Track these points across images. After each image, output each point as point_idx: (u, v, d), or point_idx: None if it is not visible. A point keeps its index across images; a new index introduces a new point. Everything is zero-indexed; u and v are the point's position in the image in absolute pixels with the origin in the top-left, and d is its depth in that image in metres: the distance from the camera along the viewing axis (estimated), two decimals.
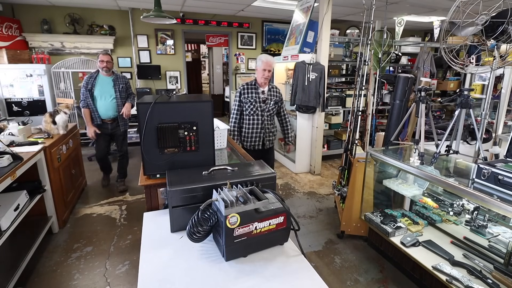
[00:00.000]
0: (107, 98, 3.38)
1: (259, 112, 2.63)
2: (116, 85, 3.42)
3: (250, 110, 2.63)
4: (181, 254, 1.12)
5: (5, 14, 5.02)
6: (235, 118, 2.74)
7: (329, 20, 3.93)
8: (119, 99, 3.45)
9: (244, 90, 2.64)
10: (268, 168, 1.37)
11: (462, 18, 1.86)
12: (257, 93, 2.62)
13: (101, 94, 3.35)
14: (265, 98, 2.63)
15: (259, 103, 2.62)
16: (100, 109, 3.38)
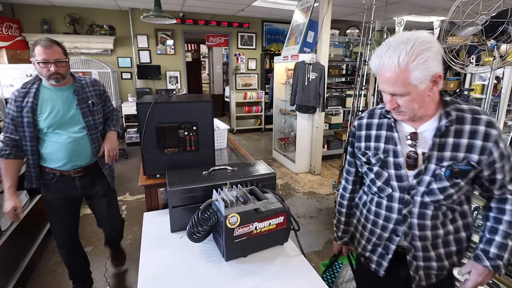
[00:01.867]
0: (67, 130, 1.62)
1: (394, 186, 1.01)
2: (82, 101, 1.66)
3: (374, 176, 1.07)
4: (181, 254, 1.12)
5: (5, 14, 5.02)
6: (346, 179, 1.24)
7: (329, 20, 3.93)
8: (93, 128, 1.70)
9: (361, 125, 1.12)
10: (268, 168, 1.37)
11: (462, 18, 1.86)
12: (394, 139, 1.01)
13: (54, 123, 1.59)
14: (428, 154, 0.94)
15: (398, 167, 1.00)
16: (55, 154, 1.62)
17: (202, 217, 1.08)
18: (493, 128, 0.89)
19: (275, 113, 5.18)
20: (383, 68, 0.86)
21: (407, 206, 0.99)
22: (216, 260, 1.09)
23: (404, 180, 0.99)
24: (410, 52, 0.81)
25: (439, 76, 0.85)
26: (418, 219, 0.98)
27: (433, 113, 0.94)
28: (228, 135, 2.24)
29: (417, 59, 0.81)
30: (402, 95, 0.87)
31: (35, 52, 1.46)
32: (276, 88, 5.06)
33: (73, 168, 1.68)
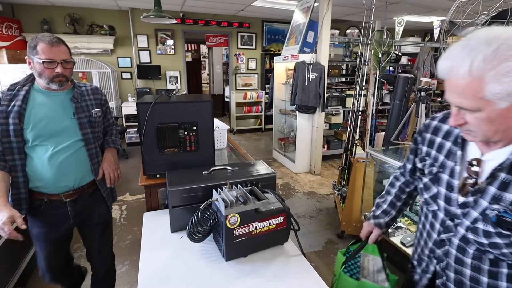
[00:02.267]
0: (58, 143, 1.36)
1: (440, 205, 0.87)
2: (80, 110, 1.43)
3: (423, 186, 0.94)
4: (181, 254, 1.12)
5: (5, 14, 5.01)
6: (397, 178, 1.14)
7: (329, 20, 3.93)
8: (91, 142, 1.45)
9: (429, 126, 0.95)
10: (268, 168, 1.37)
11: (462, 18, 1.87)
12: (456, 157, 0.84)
13: (43, 134, 1.34)
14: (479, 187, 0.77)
15: (450, 189, 0.84)
16: (40, 172, 1.35)
17: (202, 217, 1.08)
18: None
19: (275, 113, 5.18)
20: (450, 73, 0.67)
21: (447, 232, 0.84)
22: (216, 260, 1.09)
23: (453, 204, 0.82)
24: (490, 56, 0.60)
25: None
26: (457, 252, 0.82)
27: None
28: (228, 135, 2.24)
29: (499, 67, 0.60)
30: (472, 111, 0.67)
31: (38, 49, 1.25)
32: (276, 88, 5.06)
33: (63, 190, 1.38)
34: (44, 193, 1.37)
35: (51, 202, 1.39)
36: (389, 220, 1.11)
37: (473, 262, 0.79)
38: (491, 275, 0.77)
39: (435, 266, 0.91)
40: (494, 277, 0.77)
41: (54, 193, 1.38)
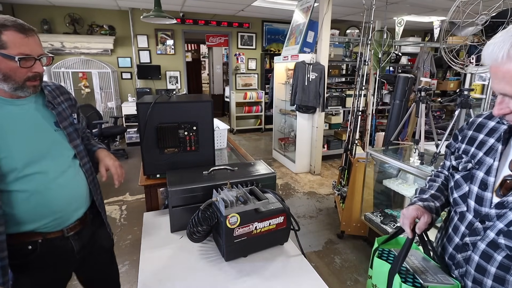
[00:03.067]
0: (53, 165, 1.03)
1: (470, 206, 0.81)
2: (61, 117, 1.10)
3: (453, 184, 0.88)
4: (181, 254, 1.12)
5: (5, 14, 5.02)
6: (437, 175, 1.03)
7: (329, 20, 3.93)
8: (84, 155, 1.17)
9: (473, 123, 0.89)
10: (268, 168, 1.38)
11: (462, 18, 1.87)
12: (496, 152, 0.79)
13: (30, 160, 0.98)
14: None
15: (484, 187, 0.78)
16: (35, 209, 0.99)
17: (202, 217, 1.08)
18: None
19: (275, 113, 5.18)
20: (492, 58, 0.64)
21: (473, 236, 0.77)
22: (216, 260, 1.09)
23: (485, 205, 0.76)
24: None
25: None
26: (481, 258, 0.75)
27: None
28: (228, 135, 2.24)
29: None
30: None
31: (6, 40, 0.88)
32: (276, 88, 5.06)
33: (67, 224, 1.07)
34: (38, 233, 1.01)
35: (48, 241, 1.04)
36: (440, 207, 0.91)
37: (497, 272, 0.72)
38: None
39: (454, 272, 0.84)
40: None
41: (54, 231, 1.04)
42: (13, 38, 0.90)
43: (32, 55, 0.93)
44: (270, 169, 1.35)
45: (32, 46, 0.93)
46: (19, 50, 0.90)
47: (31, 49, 0.93)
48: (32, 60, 0.94)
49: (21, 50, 0.91)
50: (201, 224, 1.07)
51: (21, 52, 0.91)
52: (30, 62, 0.94)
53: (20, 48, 0.91)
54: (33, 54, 0.94)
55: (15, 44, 0.90)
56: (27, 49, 0.92)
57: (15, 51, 0.90)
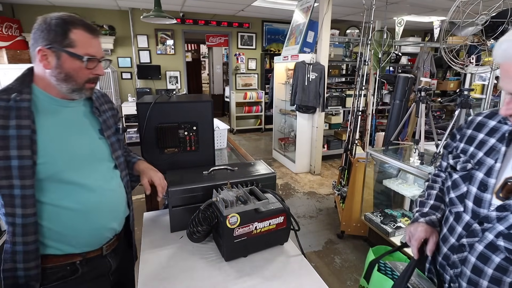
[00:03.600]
0: (93, 174, 0.95)
1: (467, 207, 0.81)
2: (105, 125, 1.03)
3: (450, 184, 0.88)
4: (181, 254, 1.12)
5: (5, 14, 5.01)
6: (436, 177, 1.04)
7: (329, 20, 3.93)
8: (124, 168, 1.11)
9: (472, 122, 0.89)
10: (268, 168, 1.37)
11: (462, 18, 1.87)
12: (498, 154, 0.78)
13: (73, 168, 0.90)
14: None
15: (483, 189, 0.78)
16: (81, 222, 0.91)
17: (202, 217, 1.08)
18: None
19: (275, 113, 5.18)
20: (504, 55, 0.63)
21: (470, 237, 0.76)
22: (216, 260, 1.08)
23: (484, 206, 0.75)
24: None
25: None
26: (478, 259, 0.74)
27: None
28: (228, 135, 2.24)
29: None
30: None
31: (74, 38, 0.85)
32: (276, 88, 5.06)
33: (105, 241, 1.00)
34: (77, 254, 0.92)
35: (88, 262, 0.95)
36: (441, 217, 0.91)
37: (494, 274, 0.72)
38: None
39: (448, 272, 0.83)
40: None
41: (93, 249, 0.96)
42: (82, 37, 0.87)
43: (96, 56, 0.90)
44: (270, 169, 1.35)
45: (97, 48, 0.91)
46: (86, 50, 0.87)
47: (96, 51, 0.90)
48: (96, 62, 0.91)
49: (88, 50, 0.88)
50: (201, 224, 1.07)
51: (88, 52, 0.88)
52: (94, 63, 0.90)
53: (87, 48, 0.88)
54: (97, 55, 0.91)
55: (83, 44, 0.87)
56: (93, 50, 0.89)
57: (82, 51, 0.87)
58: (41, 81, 0.88)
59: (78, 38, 0.86)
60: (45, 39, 0.84)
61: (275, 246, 1.17)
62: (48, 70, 0.85)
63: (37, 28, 0.85)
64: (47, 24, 0.85)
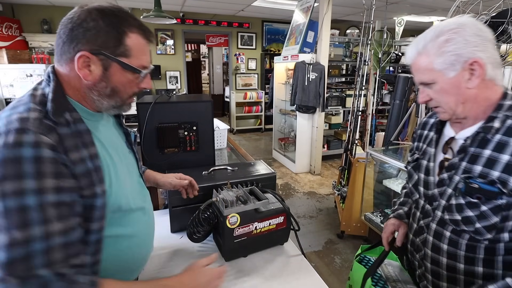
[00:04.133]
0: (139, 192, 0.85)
1: (420, 192, 0.92)
2: (128, 134, 0.90)
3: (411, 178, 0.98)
4: (181, 254, 1.12)
5: (5, 14, 5.01)
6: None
7: (329, 20, 3.93)
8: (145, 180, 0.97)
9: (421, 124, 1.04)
10: (268, 168, 1.37)
11: None
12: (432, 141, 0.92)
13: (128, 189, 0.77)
14: (451, 162, 0.82)
15: (428, 173, 0.90)
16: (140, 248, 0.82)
17: (202, 217, 1.08)
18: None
19: (275, 113, 5.18)
20: (410, 56, 0.79)
21: (426, 218, 0.87)
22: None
23: (430, 188, 0.87)
24: (433, 36, 0.74)
25: (475, 63, 0.70)
26: (434, 238, 0.84)
27: (482, 117, 0.77)
28: (228, 135, 2.24)
29: (437, 40, 0.73)
30: (429, 84, 0.77)
31: (132, 45, 0.67)
32: (276, 88, 5.06)
33: (144, 263, 0.89)
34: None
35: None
36: (409, 210, 1.04)
37: (449, 249, 0.81)
38: (467, 261, 0.78)
39: (416, 257, 0.92)
40: (471, 263, 0.78)
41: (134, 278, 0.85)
42: (138, 44, 0.68)
43: (149, 67, 0.72)
44: (270, 169, 1.35)
45: (149, 56, 0.73)
46: (141, 61, 0.69)
47: (148, 60, 0.72)
48: (148, 74, 0.74)
49: (142, 61, 0.70)
50: (201, 224, 1.07)
51: (142, 63, 0.70)
52: (146, 76, 0.73)
53: (142, 58, 0.69)
54: (149, 66, 0.73)
55: (138, 52, 0.68)
56: (147, 60, 0.71)
57: (137, 62, 0.69)
58: (74, 92, 0.68)
59: (134, 45, 0.67)
60: (92, 42, 0.63)
61: (275, 246, 1.17)
62: (88, 82, 0.66)
63: (77, 23, 0.63)
64: (95, 20, 0.63)
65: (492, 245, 0.75)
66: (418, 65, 0.78)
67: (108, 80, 0.67)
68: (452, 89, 0.75)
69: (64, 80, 0.68)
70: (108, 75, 0.66)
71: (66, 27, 0.64)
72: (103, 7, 0.66)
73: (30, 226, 0.54)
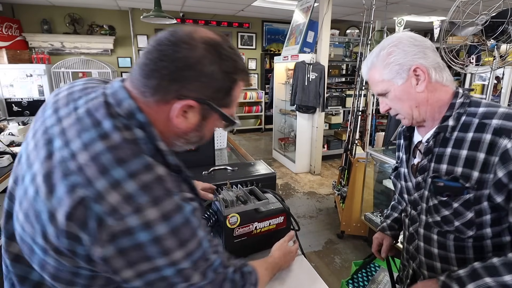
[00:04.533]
0: None
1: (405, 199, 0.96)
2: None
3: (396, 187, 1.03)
4: None
5: (5, 14, 5.01)
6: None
7: (329, 20, 3.93)
8: None
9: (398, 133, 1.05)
10: (268, 168, 1.37)
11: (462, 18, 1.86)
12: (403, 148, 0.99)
13: None
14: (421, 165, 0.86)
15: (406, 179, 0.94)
16: None
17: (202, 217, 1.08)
18: (504, 137, 0.68)
19: (275, 113, 5.18)
20: (363, 71, 0.88)
21: (414, 224, 0.90)
22: None
23: (411, 193, 0.90)
24: (379, 51, 0.82)
25: (418, 69, 0.77)
26: (424, 243, 0.87)
27: (439, 117, 0.82)
28: (228, 135, 2.24)
29: (381, 55, 0.81)
30: (384, 94, 0.84)
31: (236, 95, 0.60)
32: (276, 88, 5.06)
33: None
34: None
35: None
36: (392, 222, 1.11)
37: (440, 253, 0.83)
38: (459, 263, 0.81)
39: (412, 266, 0.95)
40: (463, 264, 0.78)
41: None
42: (239, 93, 0.60)
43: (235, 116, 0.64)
44: (270, 169, 1.35)
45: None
46: (234, 110, 0.62)
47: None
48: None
49: (234, 110, 0.62)
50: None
51: (234, 112, 0.62)
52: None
53: (234, 107, 0.62)
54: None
55: (236, 103, 0.61)
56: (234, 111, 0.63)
57: (232, 111, 0.61)
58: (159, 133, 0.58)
59: (237, 94, 0.60)
60: (202, 90, 0.55)
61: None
62: (178, 129, 0.59)
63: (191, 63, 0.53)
64: (213, 64, 0.54)
65: (479, 243, 0.78)
66: (371, 79, 0.85)
67: (201, 130, 0.61)
68: (404, 95, 0.80)
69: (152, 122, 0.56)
70: (203, 125, 0.60)
71: (173, 61, 0.52)
72: (220, 44, 0.55)
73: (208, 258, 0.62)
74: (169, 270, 0.52)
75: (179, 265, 0.53)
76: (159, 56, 0.52)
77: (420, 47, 0.79)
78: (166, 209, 0.50)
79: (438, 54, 0.82)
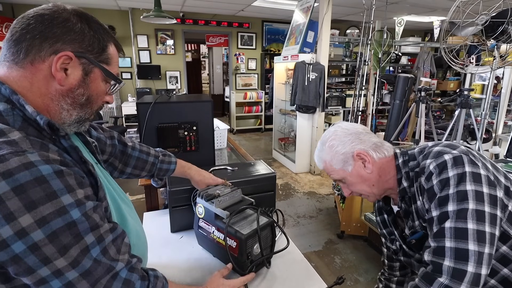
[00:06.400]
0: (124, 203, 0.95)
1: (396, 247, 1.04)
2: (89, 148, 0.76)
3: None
4: (181, 254, 1.12)
5: (5, 14, 5.01)
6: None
7: (329, 20, 3.93)
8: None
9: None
10: (268, 168, 1.37)
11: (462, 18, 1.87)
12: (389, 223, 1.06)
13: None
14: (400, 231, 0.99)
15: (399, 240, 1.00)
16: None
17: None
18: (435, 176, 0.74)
19: (275, 113, 5.18)
20: (318, 164, 0.96)
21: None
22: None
23: (409, 256, 0.99)
24: (320, 146, 0.92)
25: (360, 153, 0.86)
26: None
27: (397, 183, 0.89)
28: (228, 135, 2.24)
29: (324, 148, 0.90)
30: (342, 181, 0.92)
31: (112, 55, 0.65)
32: (276, 88, 5.06)
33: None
34: None
35: None
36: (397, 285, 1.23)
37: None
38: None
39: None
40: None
41: None
42: (115, 55, 0.66)
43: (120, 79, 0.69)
44: (270, 169, 1.35)
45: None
46: (116, 71, 0.67)
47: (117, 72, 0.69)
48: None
49: (117, 71, 0.67)
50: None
51: (117, 73, 0.68)
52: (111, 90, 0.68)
53: (117, 69, 0.67)
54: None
55: (115, 63, 0.67)
56: (118, 72, 0.68)
57: (114, 71, 0.66)
58: (35, 99, 0.57)
59: (113, 55, 0.65)
60: (76, 43, 0.58)
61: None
62: (61, 87, 0.58)
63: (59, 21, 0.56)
64: (80, 22, 0.58)
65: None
66: (326, 170, 0.93)
67: (86, 87, 0.61)
68: (358, 178, 0.88)
69: (23, 87, 0.56)
70: (87, 81, 0.61)
71: (41, 22, 0.55)
72: (87, 14, 0.61)
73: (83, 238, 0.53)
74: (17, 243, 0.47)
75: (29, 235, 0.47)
76: (26, 22, 0.55)
77: (353, 135, 0.88)
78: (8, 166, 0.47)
79: (373, 134, 0.91)
